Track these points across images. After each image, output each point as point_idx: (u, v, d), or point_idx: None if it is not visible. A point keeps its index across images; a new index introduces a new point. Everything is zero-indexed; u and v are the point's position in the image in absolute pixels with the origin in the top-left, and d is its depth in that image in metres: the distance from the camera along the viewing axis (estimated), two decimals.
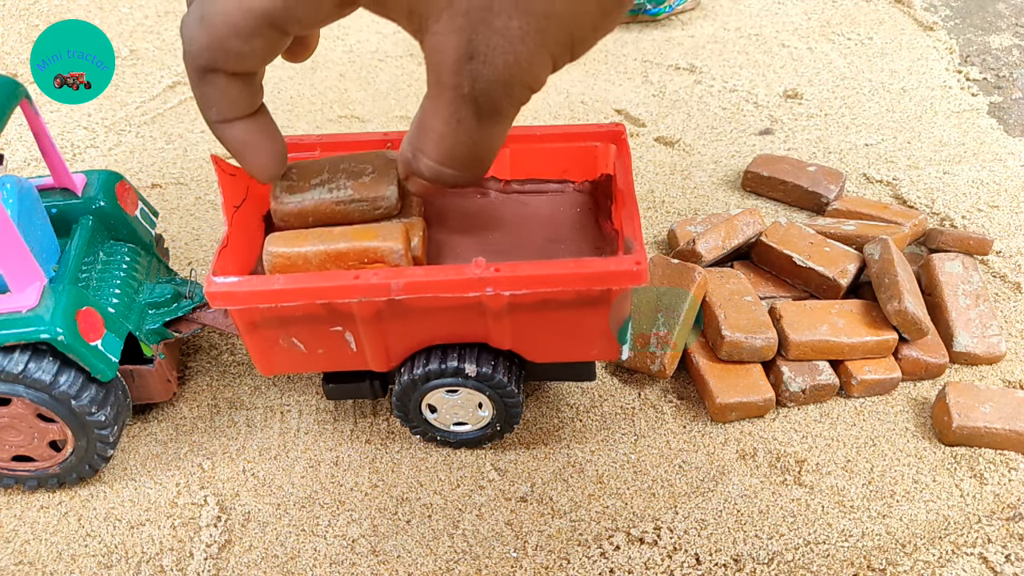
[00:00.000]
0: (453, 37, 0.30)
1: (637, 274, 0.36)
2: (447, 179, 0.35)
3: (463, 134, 0.32)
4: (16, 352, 0.38)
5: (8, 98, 0.39)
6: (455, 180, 0.35)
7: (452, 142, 0.33)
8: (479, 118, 0.32)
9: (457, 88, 0.31)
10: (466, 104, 0.31)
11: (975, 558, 0.40)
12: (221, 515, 0.43)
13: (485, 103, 0.31)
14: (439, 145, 0.33)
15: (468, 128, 0.32)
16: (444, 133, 0.33)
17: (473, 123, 0.32)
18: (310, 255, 0.39)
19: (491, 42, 0.29)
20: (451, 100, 0.31)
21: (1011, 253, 0.55)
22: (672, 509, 0.42)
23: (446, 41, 0.30)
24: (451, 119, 0.32)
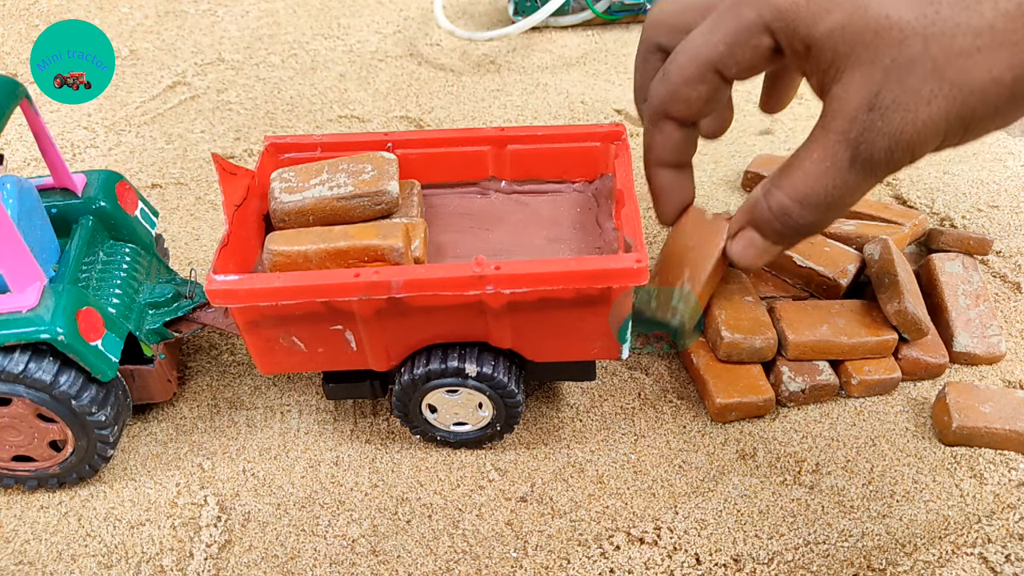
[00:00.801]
0: (862, 89, 0.32)
1: (637, 272, 0.36)
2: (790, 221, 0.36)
3: (828, 176, 0.34)
4: (16, 352, 0.39)
5: (8, 98, 0.39)
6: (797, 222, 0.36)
7: (814, 181, 0.35)
8: (851, 164, 0.34)
9: (844, 133, 0.33)
10: (846, 148, 0.33)
11: (975, 558, 0.40)
12: (221, 515, 0.43)
13: (864, 152, 0.33)
14: (799, 181, 0.35)
15: (836, 170, 0.34)
16: (809, 171, 0.35)
17: (844, 167, 0.34)
18: (310, 253, 0.39)
19: (898, 99, 0.32)
20: (832, 143, 0.34)
21: (1011, 253, 0.55)
22: (672, 509, 0.42)
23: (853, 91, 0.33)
24: (824, 159, 0.34)
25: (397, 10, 0.85)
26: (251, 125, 0.70)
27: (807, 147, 0.35)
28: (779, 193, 0.36)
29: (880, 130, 0.32)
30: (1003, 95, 0.31)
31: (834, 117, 0.34)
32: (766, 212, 0.37)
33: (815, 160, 0.34)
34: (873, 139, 0.33)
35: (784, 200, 0.36)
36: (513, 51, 0.79)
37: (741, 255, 0.40)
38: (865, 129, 0.33)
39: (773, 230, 0.38)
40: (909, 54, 0.31)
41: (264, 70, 0.77)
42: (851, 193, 0.35)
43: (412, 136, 0.46)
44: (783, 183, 0.36)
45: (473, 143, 0.46)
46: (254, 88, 0.74)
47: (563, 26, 0.81)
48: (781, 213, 0.36)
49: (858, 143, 0.33)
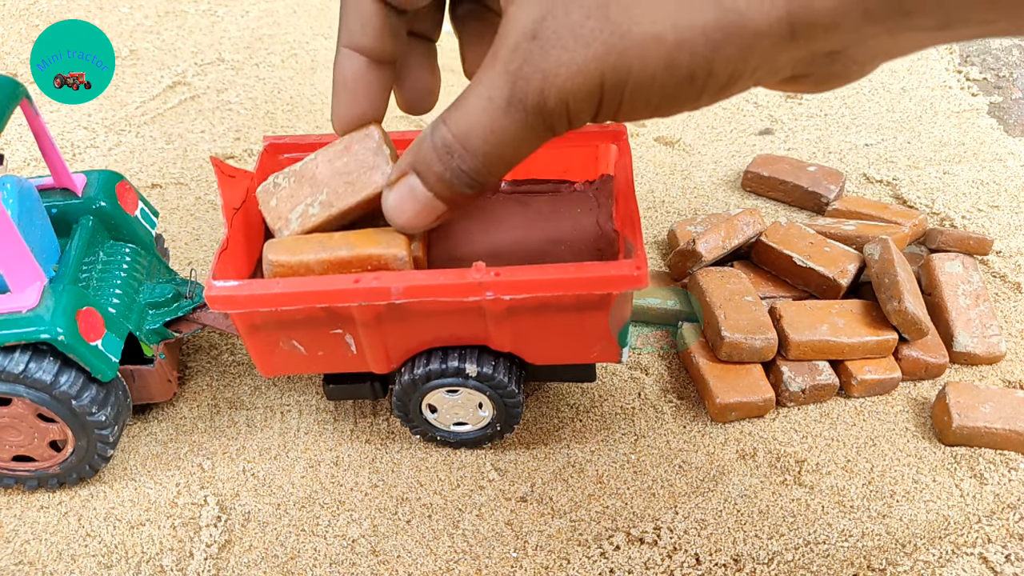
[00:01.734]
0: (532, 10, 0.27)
1: (637, 279, 0.36)
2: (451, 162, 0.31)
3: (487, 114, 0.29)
4: (16, 352, 0.39)
5: (8, 98, 0.39)
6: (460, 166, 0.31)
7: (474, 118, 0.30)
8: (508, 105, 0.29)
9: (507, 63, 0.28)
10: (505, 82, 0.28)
11: (975, 558, 0.40)
12: (221, 515, 0.43)
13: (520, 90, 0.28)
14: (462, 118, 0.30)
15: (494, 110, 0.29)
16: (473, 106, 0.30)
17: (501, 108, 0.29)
18: (312, 263, 0.38)
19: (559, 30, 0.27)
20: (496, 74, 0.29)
21: (1011, 253, 0.55)
22: (672, 509, 0.42)
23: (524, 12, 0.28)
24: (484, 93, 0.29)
25: None
26: (251, 125, 0.70)
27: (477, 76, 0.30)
28: (444, 128, 0.30)
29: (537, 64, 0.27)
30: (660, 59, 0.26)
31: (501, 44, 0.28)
32: (430, 150, 0.31)
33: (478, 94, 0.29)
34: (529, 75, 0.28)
35: (448, 135, 0.30)
36: None
37: (397, 208, 0.34)
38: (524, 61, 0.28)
39: (435, 174, 0.31)
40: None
41: (264, 70, 0.77)
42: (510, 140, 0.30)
43: (412, 136, 0.46)
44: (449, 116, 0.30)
45: None
46: (254, 88, 0.74)
47: None
48: (444, 151, 0.31)
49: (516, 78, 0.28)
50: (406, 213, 0.33)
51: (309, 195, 0.41)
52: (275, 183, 0.42)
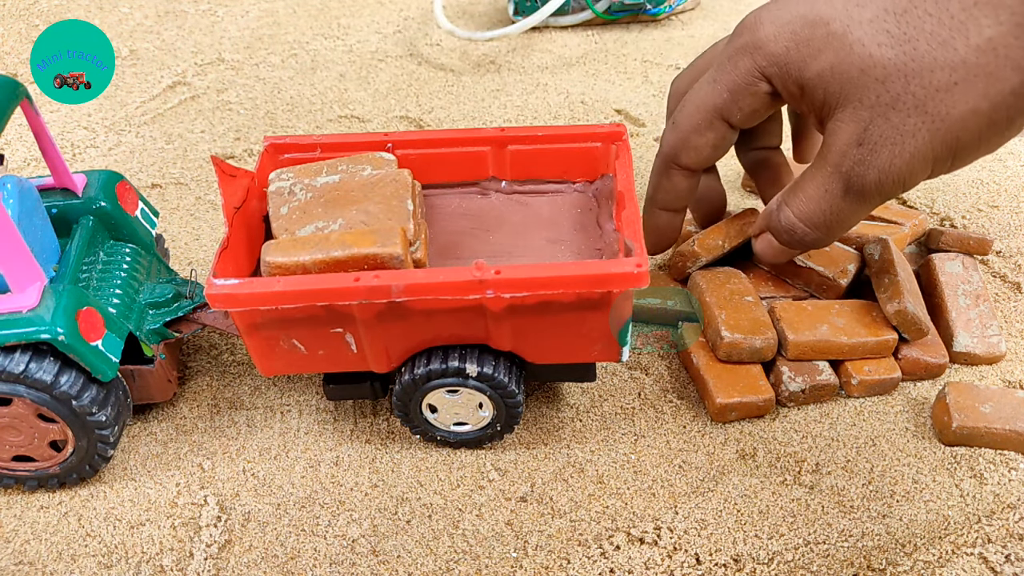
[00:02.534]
0: (851, 124, 0.35)
1: (638, 277, 0.36)
2: (796, 235, 0.41)
3: (825, 202, 0.38)
4: (17, 352, 0.39)
5: (8, 98, 0.39)
6: (803, 237, 0.41)
7: (814, 205, 0.39)
8: (845, 194, 0.37)
9: (837, 166, 0.37)
10: (838, 180, 0.37)
11: (975, 558, 0.40)
12: (221, 515, 0.43)
13: (856, 183, 0.36)
14: (803, 204, 0.39)
15: (831, 199, 0.38)
16: (810, 196, 0.39)
17: (838, 196, 0.38)
18: (308, 264, 0.38)
19: (884, 134, 0.34)
20: (828, 174, 0.37)
21: (1011, 253, 0.55)
22: (672, 509, 0.42)
23: (844, 128, 0.36)
24: (821, 187, 0.38)
25: (397, 10, 0.85)
26: (251, 125, 0.70)
27: (810, 172, 0.38)
28: (787, 210, 0.40)
29: (869, 164, 0.35)
30: (983, 124, 0.33)
31: (829, 150, 0.37)
32: (778, 224, 0.41)
33: (815, 186, 0.38)
34: (863, 172, 0.36)
35: (791, 218, 0.40)
36: (513, 51, 0.79)
37: (763, 252, 0.45)
38: (855, 163, 0.36)
39: (783, 240, 0.42)
40: (892, 91, 0.34)
41: (264, 70, 0.77)
42: (848, 217, 0.39)
43: (412, 136, 0.46)
44: (790, 202, 0.40)
45: (473, 143, 0.46)
46: (254, 88, 0.74)
47: (563, 26, 0.81)
48: (789, 228, 0.40)
49: (849, 176, 0.36)
50: (769, 256, 0.45)
51: (322, 218, 0.41)
52: (291, 189, 0.43)
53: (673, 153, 0.43)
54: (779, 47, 0.37)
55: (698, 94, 0.41)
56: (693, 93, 0.41)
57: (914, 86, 0.33)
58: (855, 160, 0.36)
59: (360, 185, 0.42)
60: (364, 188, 0.42)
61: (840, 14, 0.35)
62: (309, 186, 0.43)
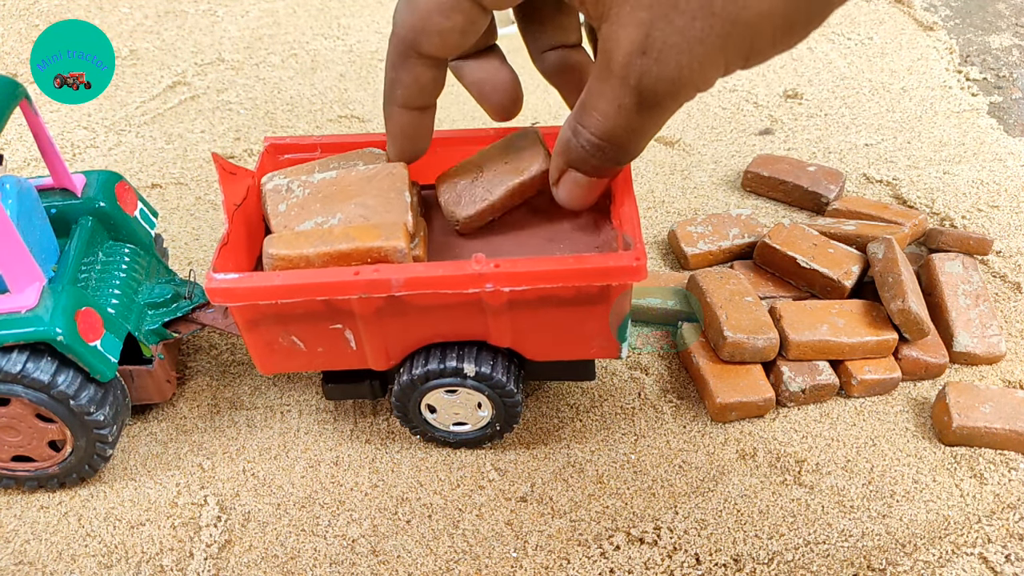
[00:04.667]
0: (631, 29, 0.30)
1: (636, 270, 0.36)
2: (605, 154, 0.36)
3: (622, 118, 0.33)
4: (15, 352, 0.38)
5: (8, 98, 0.39)
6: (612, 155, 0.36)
7: (611, 122, 0.34)
8: (639, 108, 0.33)
9: (624, 79, 0.32)
10: (630, 94, 0.32)
11: (975, 558, 0.40)
12: (221, 515, 0.43)
13: (649, 96, 0.32)
14: (601, 124, 0.34)
15: (628, 114, 0.33)
16: (605, 112, 0.34)
17: (633, 111, 0.33)
18: (312, 257, 0.39)
19: (668, 40, 0.30)
20: (616, 87, 0.32)
21: (1011, 253, 0.55)
22: (672, 509, 0.42)
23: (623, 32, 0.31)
24: (613, 102, 0.33)
25: None
26: (251, 125, 0.70)
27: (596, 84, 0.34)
28: (586, 132, 0.35)
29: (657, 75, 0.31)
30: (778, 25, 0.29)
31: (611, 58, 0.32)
32: (580, 151, 0.36)
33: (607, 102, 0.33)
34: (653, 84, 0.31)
35: (593, 139, 0.35)
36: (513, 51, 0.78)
37: (570, 196, 0.39)
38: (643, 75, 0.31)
39: (591, 165, 0.37)
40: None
41: (264, 70, 0.77)
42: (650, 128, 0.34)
43: None
44: (586, 122, 0.35)
45: (473, 144, 0.46)
46: (254, 88, 0.74)
47: None
48: (594, 149, 0.36)
49: (639, 88, 0.32)
50: (578, 198, 0.39)
51: (320, 214, 0.41)
52: (288, 187, 0.43)
53: (412, 38, 0.36)
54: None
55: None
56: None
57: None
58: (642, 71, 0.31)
59: (357, 180, 0.42)
60: (361, 182, 0.42)
61: None
62: (306, 183, 0.43)
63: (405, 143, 0.42)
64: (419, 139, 0.42)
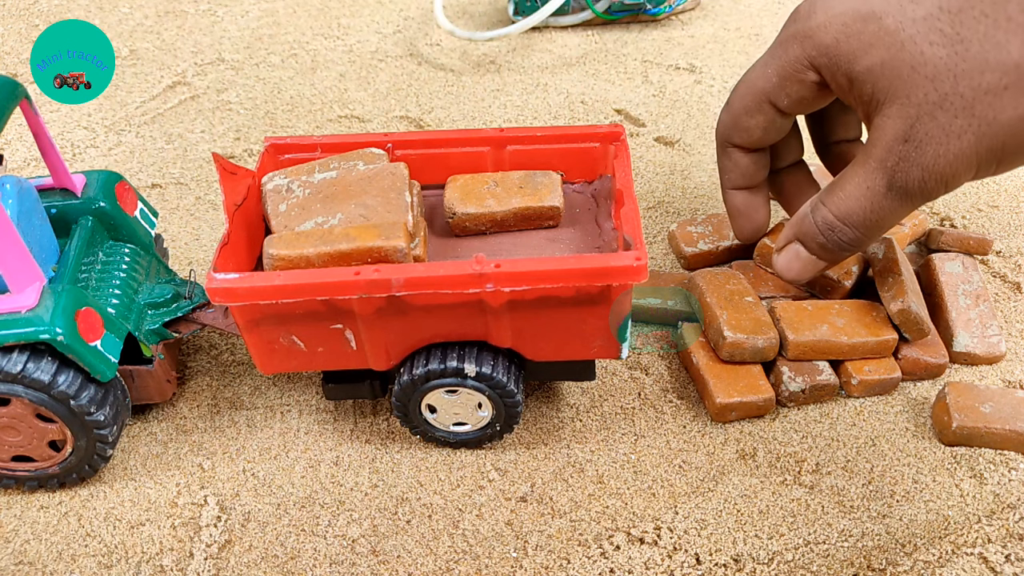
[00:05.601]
0: (898, 121, 0.35)
1: (637, 270, 0.36)
2: (834, 235, 0.39)
3: (867, 200, 0.37)
4: (15, 352, 0.38)
5: (8, 98, 0.39)
6: (840, 238, 0.39)
7: (854, 203, 0.38)
8: (887, 191, 0.36)
9: (881, 161, 0.36)
10: (882, 175, 0.36)
11: (975, 558, 0.40)
12: (221, 515, 0.43)
13: (899, 180, 0.36)
14: (842, 201, 0.38)
15: (873, 195, 0.37)
16: (851, 194, 0.38)
17: (881, 193, 0.37)
18: (312, 257, 0.39)
19: (930, 132, 0.34)
20: (871, 170, 0.37)
21: (1011, 253, 0.55)
22: (672, 509, 0.42)
23: (891, 124, 0.35)
24: (863, 184, 0.37)
25: (397, 10, 0.85)
26: (251, 125, 0.70)
27: (852, 169, 0.38)
28: (824, 210, 0.39)
29: (914, 161, 0.35)
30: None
31: (874, 145, 0.36)
32: (812, 227, 0.40)
33: (856, 183, 0.37)
34: (907, 169, 0.35)
35: (829, 217, 0.39)
36: (513, 51, 0.79)
37: (787, 267, 0.43)
38: (900, 159, 0.35)
39: (818, 244, 0.40)
40: (941, 90, 0.33)
41: (264, 70, 0.77)
42: (889, 215, 0.38)
43: (412, 136, 0.46)
44: (828, 201, 0.39)
45: (473, 143, 0.46)
46: (254, 88, 0.74)
47: (563, 26, 0.81)
48: (826, 228, 0.39)
49: (893, 172, 0.36)
50: (793, 270, 0.43)
51: (321, 213, 0.41)
52: (288, 187, 0.43)
53: (726, 132, 0.44)
54: (829, 38, 0.37)
55: (749, 76, 0.42)
56: (746, 75, 0.42)
57: (963, 87, 0.33)
58: (900, 156, 0.35)
59: (357, 180, 0.42)
60: (362, 182, 0.42)
61: (893, 10, 0.35)
62: (307, 183, 0.43)
63: (741, 220, 0.47)
64: (753, 214, 0.47)
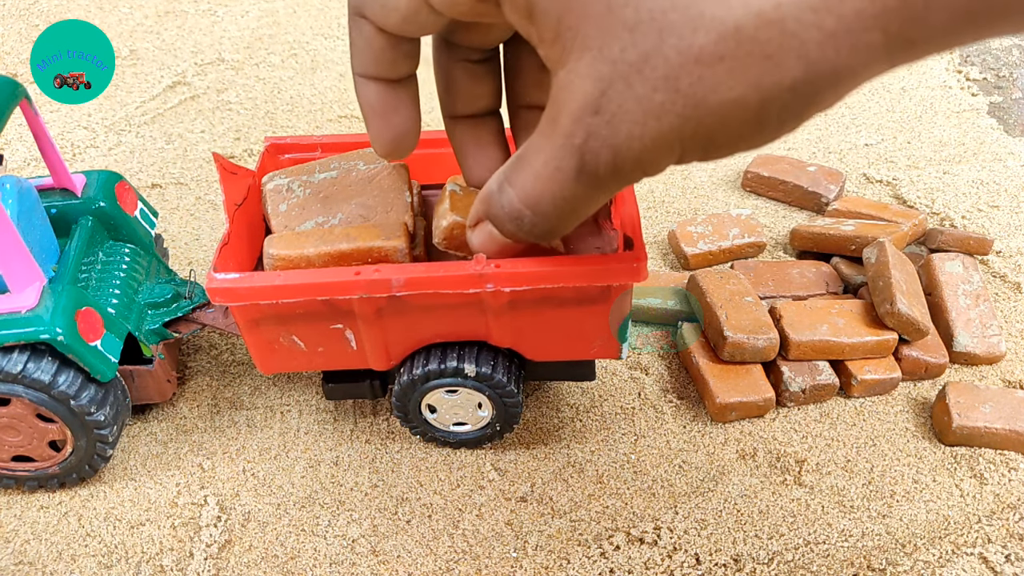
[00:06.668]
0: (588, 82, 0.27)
1: (637, 270, 0.36)
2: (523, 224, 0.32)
3: (556, 183, 0.30)
4: (15, 352, 0.38)
5: (8, 98, 0.39)
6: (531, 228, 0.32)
7: (542, 186, 0.30)
8: (578, 174, 0.29)
9: (569, 136, 0.28)
10: (572, 155, 0.29)
11: (975, 558, 0.40)
12: (221, 515, 0.43)
13: (590, 163, 0.28)
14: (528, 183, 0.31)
15: (563, 179, 0.30)
16: (539, 173, 0.30)
17: (570, 177, 0.29)
18: (312, 257, 0.39)
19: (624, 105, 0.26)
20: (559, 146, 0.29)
21: (1011, 253, 0.55)
22: (672, 509, 0.42)
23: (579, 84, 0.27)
24: (551, 162, 0.30)
25: None
26: (251, 125, 0.70)
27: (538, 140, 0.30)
28: (511, 191, 0.32)
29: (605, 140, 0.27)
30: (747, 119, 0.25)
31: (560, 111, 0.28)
32: (500, 210, 0.33)
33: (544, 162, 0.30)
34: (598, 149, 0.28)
35: (515, 202, 0.32)
36: None
37: (483, 246, 0.35)
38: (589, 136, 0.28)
39: (508, 230, 0.33)
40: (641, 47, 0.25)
41: (264, 70, 0.77)
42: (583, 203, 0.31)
43: None
44: (514, 180, 0.32)
45: None
46: (254, 88, 0.74)
47: None
48: (514, 215, 0.32)
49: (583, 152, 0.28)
50: (491, 250, 0.35)
51: (321, 213, 0.41)
52: (289, 187, 0.43)
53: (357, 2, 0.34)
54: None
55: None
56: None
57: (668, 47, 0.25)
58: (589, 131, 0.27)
59: (358, 180, 0.42)
60: (362, 182, 0.42)
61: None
62: (307, 183, 0.43)
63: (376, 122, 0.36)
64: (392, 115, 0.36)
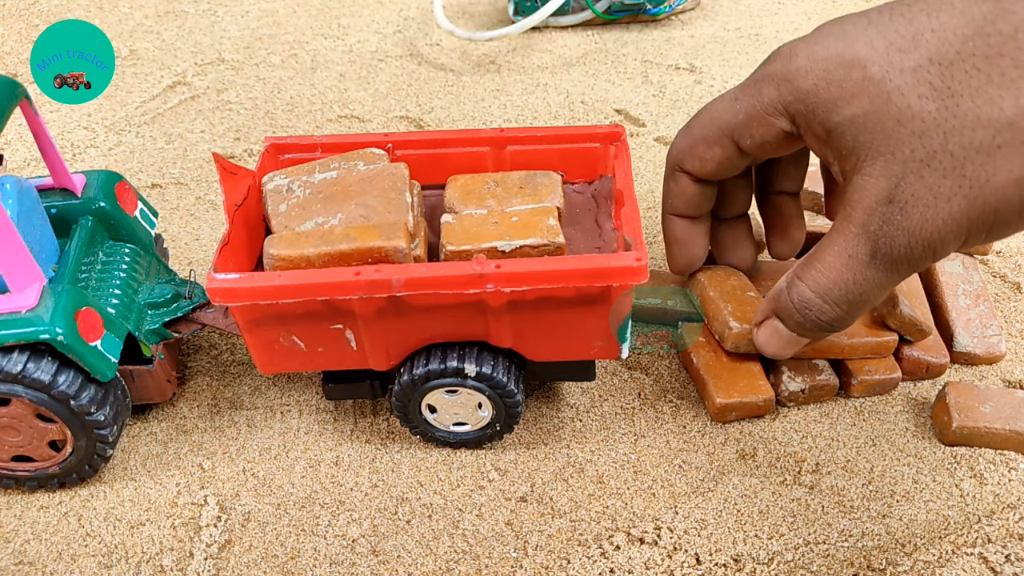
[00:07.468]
0: (882, 180, 0.32)
1: (638, 271, 0.36)
2: (811, 314, 0.36)
3: (848, 271, 0.34)
4: (15, 352, 0.38)
5: (8, 98, 0.39)
6: (819, 317, 0.36)
7: (835, 275, 0.34)
8: (871, 259, 0.33)
9: (864, 225, 0.33)
10: (865, 242, 0.33)
11: (975, 558, 0.40)
12: (221, 515, 0.43)
13: (884, 247, 0.32)
14: (820, 275, 0.35)
15: (856, 266, 0.33)
16: (831, 264, 0.34)
17: (863, 262, 0.33)
18: (312, 257, 0.39)
19: (916, 193, 0.31)
20: (853, 235, 0.33)
21: (1011, 253, 0.55)
22: (672, 509, 0.42)
23: (873, 183, 0.32)
24: (843, 252, 0.34)
25: (397, 10, 0.85)
26: (251, 125, 0.70)
27: (830, 237, 0.34)
28: (801, 285, 0.36)
29: (899, 225, 0.32)
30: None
31: (854, 208, 0.33)
32: (788, 304, 0.37)
33: (836, 253, 0.34)
34: (892, 234, 0.32)
35: (806, 293, 0.36)
36: (513, 51, 0.79)
37: (766, 343, 0.40)
38: (884, 223, 0.32)
39: (796, 322, 0.37)
40: (929, 147, 0.31)
41: (264, 70, 0.77)
42: (874, 289, 0.34)
43: (412, 137, 0.46)
44: (805, 275, 0.36)
45: (473, 144, 0.46)
46: (254, 88, 0.74)
47: (563, 26, 0.81)
48: (803, 307, 0.36)
49: (877, 237, 0.32)
50: (774, 346, 0.40)
51: (321, 214, 0.41)
52: (289, 187, 0.43)
53: (679, 157, 0.41)
54: (808, 83, 0.34)
55: (716, 107, 0.39)
56: (713, 104, 0.40)
57: (953, 144, 0.30)
58: (883, 219, 0.32)
59: (358, 180, 0.42)
60: (362, 183, 0.42)
61: (880, 58, 0.32)
62: (307, 183, 0.43)
63: (677, 249, 0.45)
64: (690, 245, 0.45)
